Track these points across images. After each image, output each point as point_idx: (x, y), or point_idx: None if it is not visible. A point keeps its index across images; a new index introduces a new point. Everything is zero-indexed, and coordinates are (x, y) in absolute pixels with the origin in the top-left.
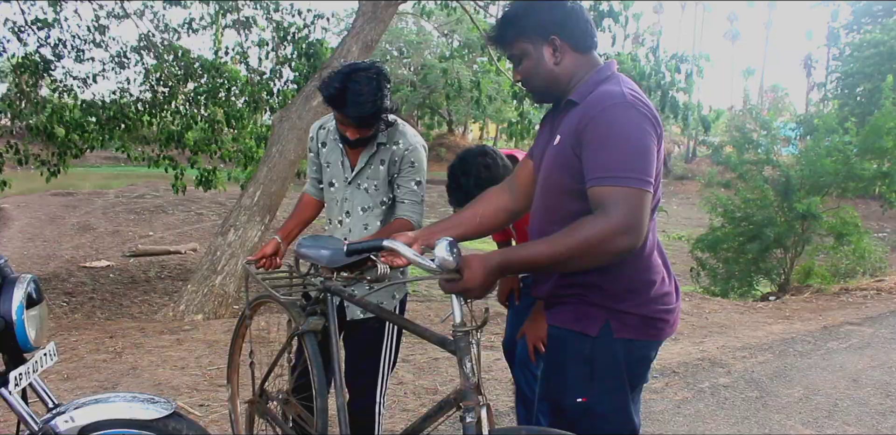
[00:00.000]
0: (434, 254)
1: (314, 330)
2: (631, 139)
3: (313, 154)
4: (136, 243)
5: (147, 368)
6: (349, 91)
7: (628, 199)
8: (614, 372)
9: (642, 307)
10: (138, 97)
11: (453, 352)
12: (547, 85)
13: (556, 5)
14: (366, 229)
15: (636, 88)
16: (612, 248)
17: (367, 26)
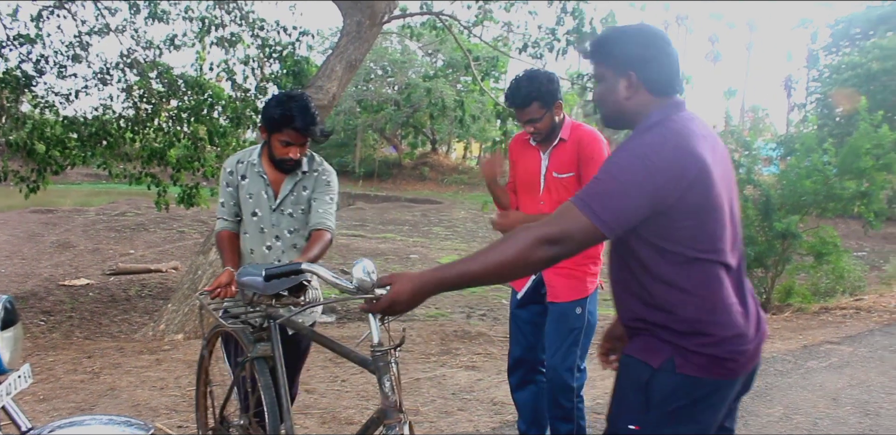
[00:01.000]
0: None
1: (263, 356)
2: (614, 182)
3: (231, 188)
4: (116, 261)
5: (125, 389)
6: (294, 109)
7: (575, 221)
8: (670, 406)
9: (709, 347)
10: (121, 114)
11: (373, 371)
12: (614, 114)
13: (648, 45)
14: (295, 248)
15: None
16: (535, 256)
17: (350, 45)
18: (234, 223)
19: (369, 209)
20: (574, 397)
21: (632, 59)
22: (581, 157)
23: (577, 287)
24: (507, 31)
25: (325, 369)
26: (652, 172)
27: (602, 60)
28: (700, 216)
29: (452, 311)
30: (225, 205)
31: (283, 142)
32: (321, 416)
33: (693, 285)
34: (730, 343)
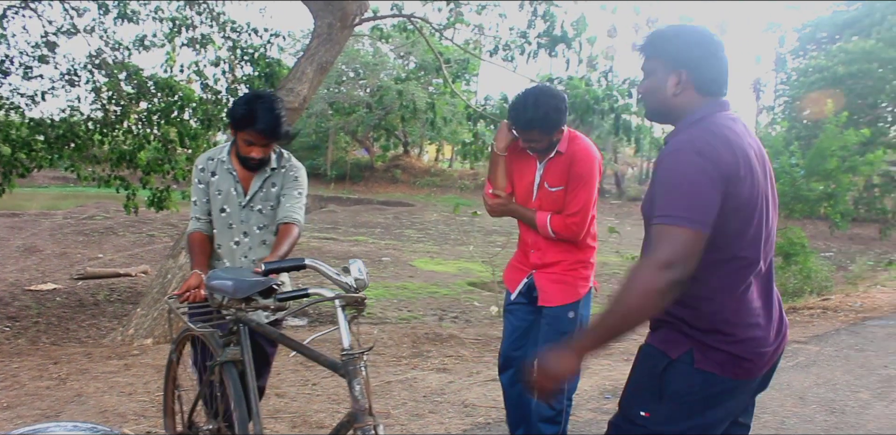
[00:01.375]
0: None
1: (232, 360)
2: (684, 183)
3: (203, 185)
4: (84, 266)
5: (93, 395)
6: (258, 110)
7: (675, 238)
8: (683, 398)
9: (729, 345)
10: (89, 116)
11: (343, 375)
12: (659, 108)
13: (701, 45)
14: (264, 244)
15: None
16: (658, 283)
17: (321, 48)
18: (206, 223)
19: (341, 212)
20: (564, 400)
21: (685, 57)
22: (571, 173)
23: (568, 292)
24: (478, 33)
25: (295, 373)
26: (714, 164)
27: (655, 55)
28: (739, 216)
29: (424, 313)
30: (198, 203)
31: (246, 141)
32: (292, 420)
33: (721, 285)
34: (749, 343)
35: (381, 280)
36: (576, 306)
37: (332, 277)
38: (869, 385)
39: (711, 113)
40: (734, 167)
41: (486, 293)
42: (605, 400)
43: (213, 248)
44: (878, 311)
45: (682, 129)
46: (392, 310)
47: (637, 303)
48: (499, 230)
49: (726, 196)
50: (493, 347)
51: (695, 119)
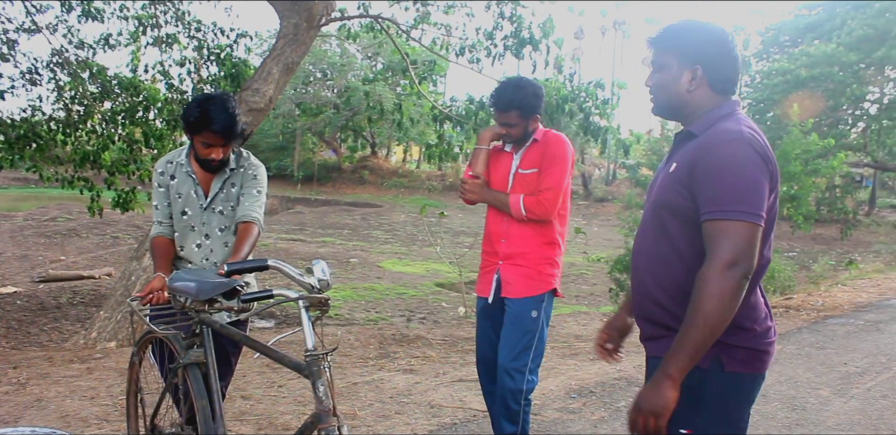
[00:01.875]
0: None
1: (196, 362)
2: (744, 174)
3: (164, 189)
4: (46, 268)
5: (54, 400)
6: (212, 111)
7: (736, 233)
8: (721, 405)
9: (751, 341)
10: (51, 115)
11: (307, 376)
12: (670, 103)
13: (717, 42)
14: (226, 246)
15: (755, 127)
16: (731, 283)
17: (287, 48)
18: (168, 227)
19: (308, 213)
20: (522, 400)
21: (701, 52)
22: (545, 154)
23: (532, 285)
24: (445, 34)
25: (261, 375)
26: (764, 158)
27: (670, 50)
28: (769, 216)
29: (392, 314)
30: (159, 207)
31: (204, 143)
32: (257, 422)
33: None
34: (765, 336)
35: (348, 281)
36: (539, 305)
37: (294, 277)
38: (829, 382)
39: (735, 111)
40: (774, 165)
41: (453, 294)
42: (571, 400)
43: (176, 251)
44: (838, 309)
45: (713, 122)
46: (360, 311)
47: (716, 309)
48: (466, 231)
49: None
50: (460, 347)
51: (724, 113)
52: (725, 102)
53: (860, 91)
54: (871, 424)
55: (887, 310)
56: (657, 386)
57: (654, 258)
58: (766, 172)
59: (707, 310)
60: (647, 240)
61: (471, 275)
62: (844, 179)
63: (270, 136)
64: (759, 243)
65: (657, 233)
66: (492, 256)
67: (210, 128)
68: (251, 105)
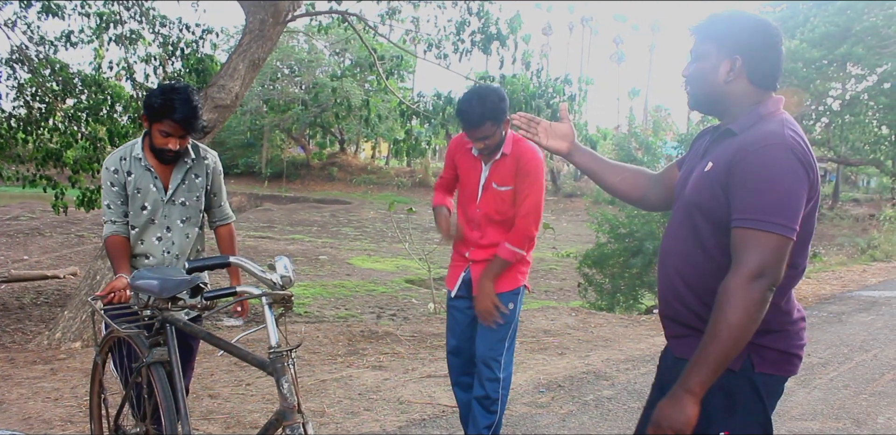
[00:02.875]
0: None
1: (160, 361)
2: (782, 183)
3: (118, 187)
4: (8, 268)
5: (15, 402)
6: (175, 100)
7: (765, 245)
8: (755, 406)
9: (781, 342)
10: (11, 113)
11: (271, 373)
12: (707, 95)
13: (760, 33)
14: (187, 238)
15: (799, 131)
16: (756, 294)
17: (254, 44)
18: (123, 226)
19: (277, 210)
20: (500, 389)
21: (742, 42)
22: (519, 171)
23: (504, 282)
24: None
25: (229, 374)
26: (804, 166)
27: (711, 38)
28: (807, 224)
29: (362, 311)
30: (112, 206)
31: (163, 132)
32: (225, 421)
33: (779, 292)
34: (797, 337)
35: (318, 278)
36: (514, 298)
37: (257, 274)
38: None
39: (779, 109)
40: (815, 172)
41: (423, 290)
42: (540, 394)
43: (134, 247)
44: (802, 301)
45: (754, 121)
46: (329, 308)
47: (740, 321)
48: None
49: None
50: (429, 343)
51: (767, 112)
52: (768, 99)
53: (823, 87)
54: (834, 413)
55: (850, 302)
56: (678, 401)
57: (683, 258)
58: (805, 182)
59: (731, 321)
60: (677, 239)
61: (440, 271)
62: None
63: (238, 133)
64: (787, 256)
65: (687, 232)
66: (461, 258)
67: (171, 117)
68: (217, 101)
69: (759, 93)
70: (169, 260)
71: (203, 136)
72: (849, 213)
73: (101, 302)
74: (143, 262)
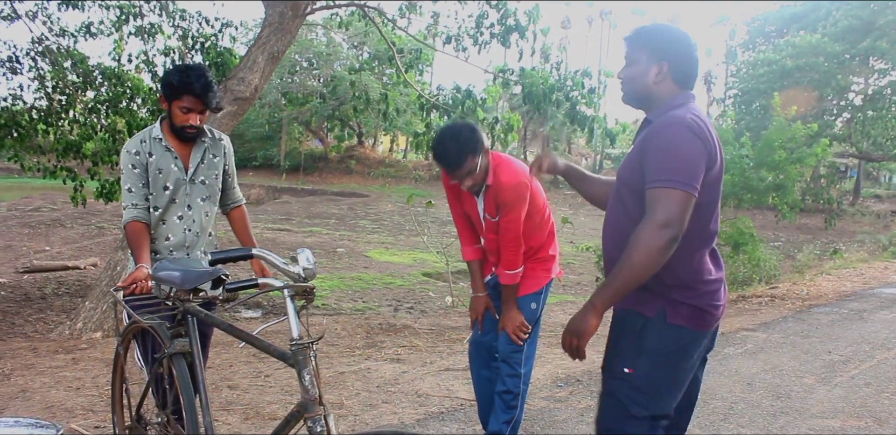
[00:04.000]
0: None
1: (181, 352)
2: (681, 151)
3: (139, 169)
4: (30, 259)
5: (38, 391)
6: (192, 76)
7: (670, 199)
8: (661, 352)
9: (694, 299)
10: (32, 105)
11: (292, 365)
12: (638, 93)
13: (682, 42)
14: (207, 216)
15: (701, 115)
16: (659, 241)
17: (273, 37)
18: (144, 211)
19: (295, 203)
20: (521, 383)
21: (668, 50)
22: (499, 202)
23: (528, 285)
24: (433, 23)
25: (248, 365)
26: (701, 138)
27: (642, 47)
28: (709, 192)
29: (380, 304)
30: (133, 189)
31: (183, 109)
32: (244, 412)
33: (691, 247)
34: (709, 297)
35: (335, 271)
36: (537, 297)
37: (279, 266)
38: (813, 370)
39: (688, 101)
40: (712, 147)
41: (440, 284)
42: (558, 388)
43: (155, 228)
44: (823, 298)
45: (667, 110)
46: (347, 301)
47: (643, 260)
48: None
49: (706, 170)
50: (447, 336)
51: (677, 103)
52: (682, 94)
53: (845, 82)
54: (855, 411)
55: (871, 299)
56: (584, 313)
57: (614, 227)
58: (703, 152)
59: (634, 259)
60: (610, 213)
61: (457, 264)
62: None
63: (257, 126)
64: (690, 210)
65: (617, 206)
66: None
67: (191, 92)
68: (236, 94)
69: (679, 90)
70: (190, 239)
71: (218, 112)
72: (870, 210)
73: (123, 293)
74: (164, 243)
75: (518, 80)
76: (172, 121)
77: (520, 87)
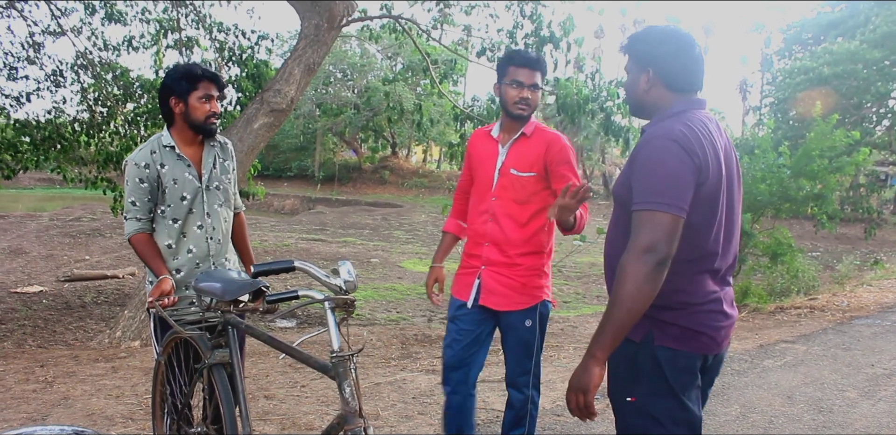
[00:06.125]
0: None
1: (222, 362)
2: (664, 168)
3: (147, 183)
4: (71, 268)
5: (80, 398)
6: (196, 66)
7: (654, 223)
8: (657, 376)
9: (684, 319)
10: (75, 117)
11: (333, 377)
12: (635, 103)
13: (668, 43)
14: (225, 221)
15: (695, 125)
16: (644, 268)
17: (309, 49)
18: (148, 223)
19: (329, 213)
20: (529, 404)
21: (648, 56)
22: (549, 159)
23: (517, 299)
24: (466, 34)
25: (284, 375)
26: (688, 152)
27: (630, 56)
28: (704, 209)
29: (413, 314)
30: (138, 203)
31: (202, 98)
32: (280, 422)
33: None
34: (703, 316)
35: (369, 281)
36: (532, 314)
37: (321, 279)
38: (856, 384)
39: (687, 109)
40: (705, 160)
41: None
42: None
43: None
44: (864, 310)
45: (658, 121)
46: (381, 311)
47: (632, 291)
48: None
49: (696, 186)
50: None
51: (672, 112)
52: (679, 101)
53: (885, 88)
54: None
55: None
56: (584, 366)
57: (611, 243)
58: (690, 168)
59: (623, 293)
60: (609, 231)
61: None
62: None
63: (291, 137)
64: (678, 232)
65: (615, 224)
66: (473, 259)
67: (205, 76)
68: (273, 105)
69: (675, 96)
70: (213, 247)
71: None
72: None
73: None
74: (187, 256)
75: (552, 91)
76: (192, 119)
77: (552, 97)
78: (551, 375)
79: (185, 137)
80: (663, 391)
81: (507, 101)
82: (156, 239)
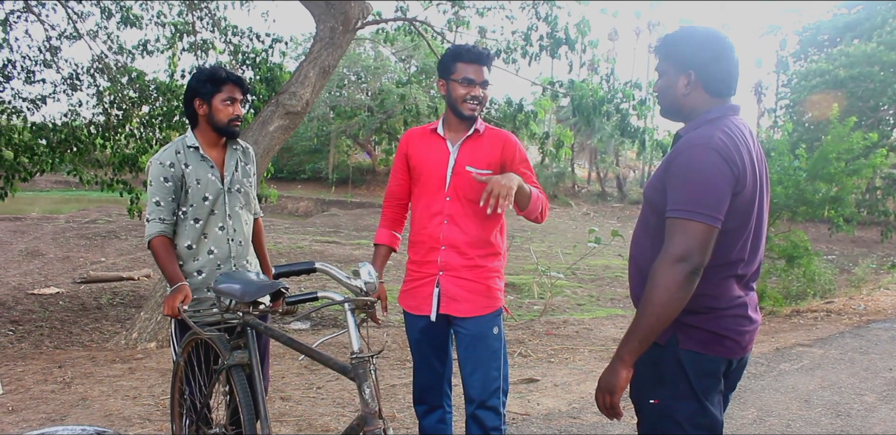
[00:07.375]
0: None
1: (240, 364)
2: (702, 178)
3: (172, 182)
4: (87, 270)
5: (97, 399)
6: (220, 70)
7: (689, 232)
8: (681, 380)
9: (710, 323)
10: (91, 120)
11: (353, 379)
12: (671, 106)
13: (707, 47)
14: (246, 224)
15: (733, 132)
16: (677, 277)
17: (324, 52)
18: (170, 226)
19: (343, 215)
20: (501, 418)
21: (691, 59)
22: (507, 157)
23: (485, 302)
24: (481, 36)
25: (300, 377)
26: (728, 161)
27: (667, 57)
28: (737, 217)
29: None
30: (163, 202)
31: (226, 101)
32: (297, 423)
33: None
34: (728, 321)
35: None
36: (497, 320)
37: (342, 280)
38: (874, 388)
39: (725, 115)
40: (742, 170)
41: None
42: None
43: (197, 244)
44: (882, 313)
45: (697, 126)
46: (395, 313)
47: (663, 299)
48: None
49: (733, 195)
50: None
51: (710, 117)
52: (718, 106)
53: None
54: None
55: None
56: (612, 368)
57: (637, 246)
58: (729, 178)
59: (654, 299)
60: (636, 231)
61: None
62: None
63: (305, 139)
64: (712, 242)
65: (642, 225)
66: (427, 266)
67: (230, 78)
68: (288, 108)
69: (713, 100)
70: (234, 249)
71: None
72: None
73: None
74: (208, 257)
75: (567, 92)
76: (215, 121)
77: (566, 99)
78: (567, 377)
79: (208, 139)
80: (686, 394)
81: (456, 100)
82: (176, 241)
